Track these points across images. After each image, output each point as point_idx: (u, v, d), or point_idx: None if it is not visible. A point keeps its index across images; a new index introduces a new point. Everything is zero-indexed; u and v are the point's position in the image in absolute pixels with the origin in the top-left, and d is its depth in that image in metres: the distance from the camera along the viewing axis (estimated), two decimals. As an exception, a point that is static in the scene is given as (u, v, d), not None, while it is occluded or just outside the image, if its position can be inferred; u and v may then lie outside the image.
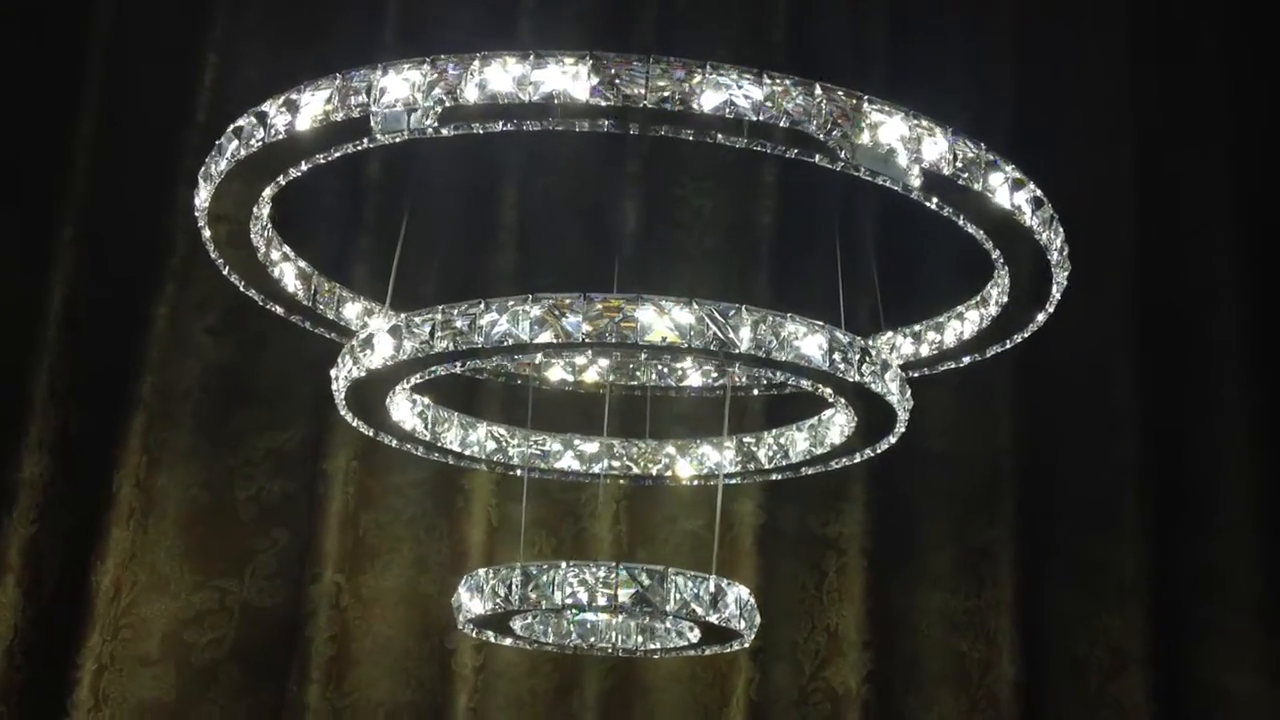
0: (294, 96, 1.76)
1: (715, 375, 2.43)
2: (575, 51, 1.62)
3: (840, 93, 1.65)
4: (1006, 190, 1.77)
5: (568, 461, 2.45)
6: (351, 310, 2.36)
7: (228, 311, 3.43)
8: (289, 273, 2.22)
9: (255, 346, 3.43)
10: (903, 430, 2.08)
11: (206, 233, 2.08)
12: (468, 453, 2.44)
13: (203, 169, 1.96)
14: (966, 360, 2.23)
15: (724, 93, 1.60)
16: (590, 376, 2.40)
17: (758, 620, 2.00)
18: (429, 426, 2.34)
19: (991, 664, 3.48)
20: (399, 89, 1.68)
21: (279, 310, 2.29)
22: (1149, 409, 3.59)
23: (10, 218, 3.33)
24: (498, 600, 1.93)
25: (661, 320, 1.75)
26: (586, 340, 1.74)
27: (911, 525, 3.61)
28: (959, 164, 1.71)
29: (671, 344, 1.76)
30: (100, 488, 3.16)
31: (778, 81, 1.62)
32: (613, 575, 1.87)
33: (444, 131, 1.70)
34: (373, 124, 1.73)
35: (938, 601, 3.56)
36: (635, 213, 3.37)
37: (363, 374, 1.92)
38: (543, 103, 1.62)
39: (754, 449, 2.35)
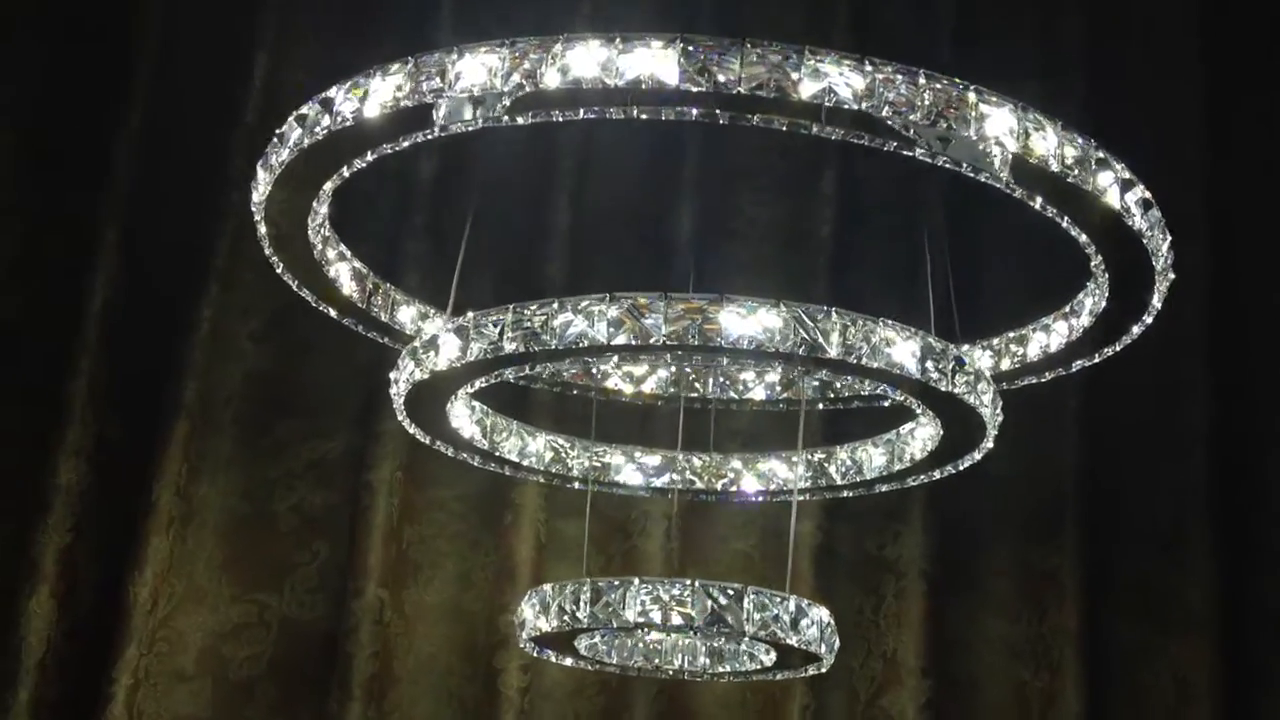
0: (362, 80, 1.66)
1: (780, 388, 2.32)
2: (665, 34, 1.52)
3: (943, 81, 1.54)
4: (1116, 190, 1.65)
5: (629, 475, 2.34)
6: (406, 314, 2.26)
7: (271, 317, 3.35)
8: (344, 273, 2.12)
9: (298, 354, 3.34)
10: (990, 446, 1.96)
11: (262, 228, 1.98)
12: (526, 463, 2.33)
13: (262, 159, 1.87)
14: (1049, 375, 2.10)
15: (822, 80, 1.49)
16: (647, 387, 2.29)
17: (837, 644, 1.89)
18: (487, 435, 2.23)
19: (1055, 695, 3.35)
20: (475, 74, 1.58)
21: (332, 312, 2.19)
22: (1218, 432, 3.45)
23: (52, 219, 3.25)
24: (565, 617, 1.82)
25: (747, 322, 1.64)
26: (667, 343, 1.64)
27: (973, 549, 3.49)
28: (1068, 161, 1.60)
29: (758, 348, 1.65)
30: (138, 496, 3.08)
31: (880, 67, 1.51)
32: (688, 593, 1.75)
33: (518, 120, 1.59)
34: (437, 114, 1.63)
35: (1000, 628, 3.43)
36: (692, 220, 3.26)
37: (425, 376, 1.82)
38: (628, 88, 1.51)
39: (825, 464, 2.24)
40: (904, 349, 1.71)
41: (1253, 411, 3.52)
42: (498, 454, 2.27)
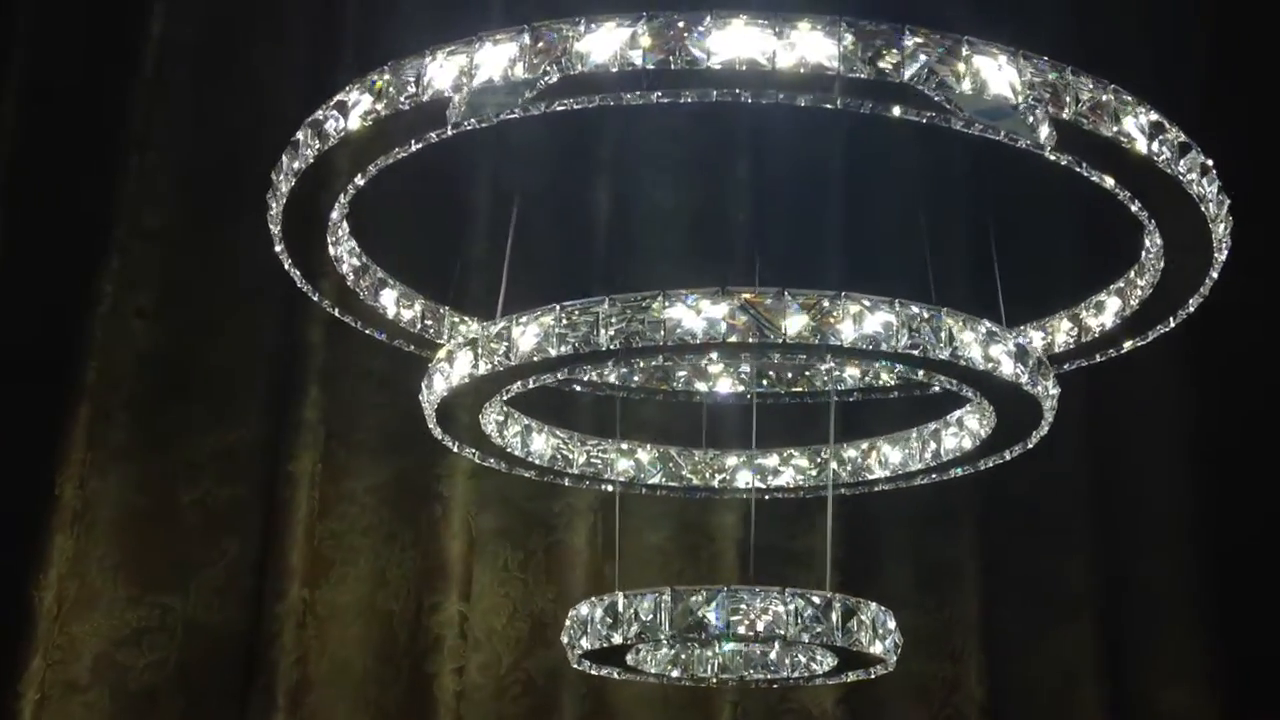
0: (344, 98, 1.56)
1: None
2: (822, 16, 1.44)
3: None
4: (1143, 137, 1.55)
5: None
6: (464, 332, 2.13)
7: (164, 293, 3.09)
8: (388, 300, 2.01)
9: (197, 333, 3.09)
10: (1044, 434, 1.95)
11: (287, 264, 1.88)
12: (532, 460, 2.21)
13: (270, 191, 1.80)
14: (1100, 357, 2.11)
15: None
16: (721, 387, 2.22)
17: (900, 641, 1.85)
18: (501, 431, 2.10)
19: (958, 683, 3.42)
20: (606, 47, 1.47)
21: (387, 339, 2.07)
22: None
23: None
24: (643, 628, 1.72)
25: (869, 320, 1.59)
26: (788, 341, 1.56)
27: (878, 538, 3.52)
28: (1083, 108, 1.50)
29: (874, 348, 1.59)
30: (34, 488, 2.78)
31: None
32: (780, 602, 1.68)
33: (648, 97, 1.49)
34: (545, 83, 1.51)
35: (904, 619, 3.47)
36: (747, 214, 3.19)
37: (496, 370, 1.68)
38: (790, 73, 1.43)
39: (861, 462, 2.21)
40: (968, 338, 1.67)
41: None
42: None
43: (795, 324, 1.57)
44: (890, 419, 2.42)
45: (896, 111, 1.48)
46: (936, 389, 2.38)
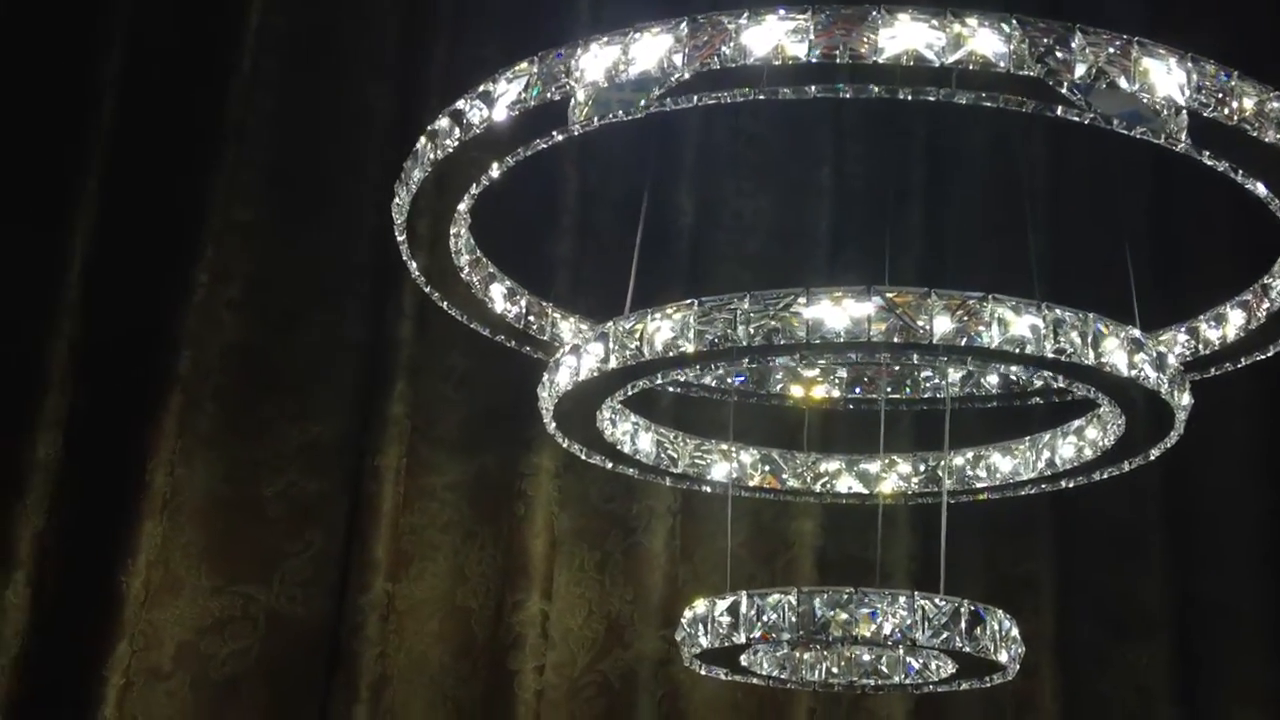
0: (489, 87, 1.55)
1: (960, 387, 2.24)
2: (991, 13, 1.43)
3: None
4: None
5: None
6: (566, 329, 2.12)
7: (250, 285, 3.09)
8: (497, 294, 2.00)
9: (282, 326, 3.10)
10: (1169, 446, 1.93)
11: (407, 255, 1.89)
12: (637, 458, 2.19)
13: (400, 178, 1.79)
14: (1215, 371, 2.08)
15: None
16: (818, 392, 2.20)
17: (1022, 650, 1.83)
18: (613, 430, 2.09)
19: (1030, 697, 3.39)
20: (768, 40, 1.45)
21: (490, 333, 2.07)
22: None
23: (27, 163, 2.91)
24: (767, 629, 1.70)
25: (1016, 323, 1.57)
26: (938, 344, 1.54)
27: (955, 553, 3.49)
28: (1246, 113, 1.48)
29: (1020, 352, 1.57)
30: (124, 475, 2.78)
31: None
32: (907, 607, 1.66)
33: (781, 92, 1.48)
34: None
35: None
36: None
37: (634, 362, 1.67)
38: (950, 68, 1.42)
39: (969, 471, 2.18)
40: (1111, 344, 1.65)
41: None
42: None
43: (940, 325, 1.55)
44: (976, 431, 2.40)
45: (1059, 111, 1.46)
46: (1038, 400, 2.38)
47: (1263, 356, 2.07)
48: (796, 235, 3.40)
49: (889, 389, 2.44)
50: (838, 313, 1.57)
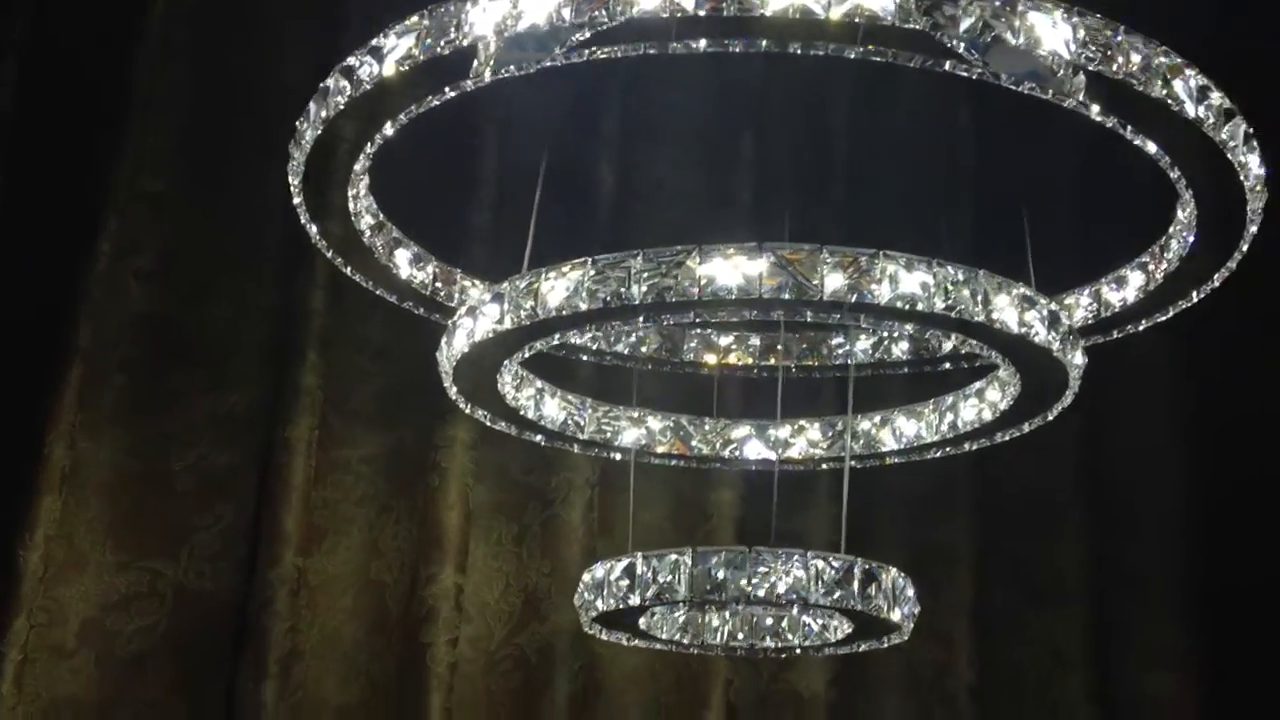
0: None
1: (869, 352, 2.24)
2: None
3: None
4: (1191, 101, 1.53)
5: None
6: (475, 295, 2.10)
7: (161, 255, 3.03)
8: (402, 260, 1.98)
9: (194, 296, 3.04)
10: (1065, 405, 1.93)
11: (306, 219, 1.85)
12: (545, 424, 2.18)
13: (293, 139, 1.77)
14: (1117, 334, 2.08)
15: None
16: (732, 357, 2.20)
17: (916, 609, 1.83)
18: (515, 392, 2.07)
19: (948, 666, 3.42)
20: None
21: (397, 300, 2.04)
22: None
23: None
24: (662, 590, 1.69)
25: (907, 280, 1.56)
26: (824, 299, 1.54)
27: (873, 523, 3.51)
28: (1133, 69, 1.48)
29: (911, 308, 1.57)
30: (22, 448, 2.72)
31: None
32: (801, 565, 1.66)
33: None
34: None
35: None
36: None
37: (524, 324, 1.65)
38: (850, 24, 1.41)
39: (874, 434, 2.18)
40: (1002, 301, 1.65)
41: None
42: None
43: (832, 282, 1.55)
44: (898, 399, 2.41)
45: (947, 66, 1.46)
46: (948, 365, 2.39)
47: (1163, 318, 2.08)
48: (720, 204, 3.38)
49: (800, 357, 2.44)
50: (730, 270, 1.56)
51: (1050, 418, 1.99)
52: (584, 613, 1.85)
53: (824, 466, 2.34)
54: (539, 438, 2.25)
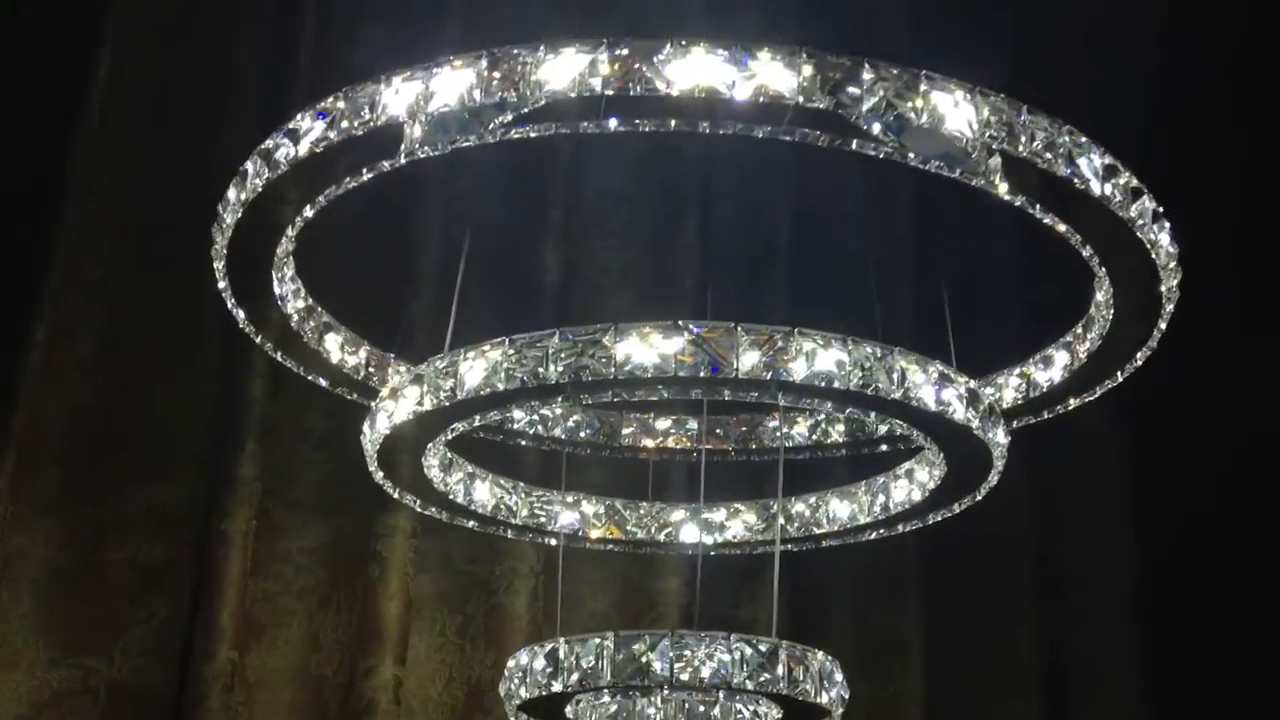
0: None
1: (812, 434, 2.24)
2: (782, 46, 1.44)
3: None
4: (1097, 180, 1.53)
5: (567, 519, 2.21)
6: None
7: (101, 342, 3.02)
8: (333, 344, 2.01)
9: (134, 385, 3.02)
10: (993, 483, 1.93)
11: (232, 304, 1.87)
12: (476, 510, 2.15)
13: (215, 224, 1.77)
14: (1048, 414, 2.09)
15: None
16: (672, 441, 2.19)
17: (846, 693, 1.81)
18: (445, 475, 2.05)
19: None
20: (566, 73, 1.45)
21: (330, 386, 2.06)
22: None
23: None
24: (584, 675, 1.66)
25: (821, 357, 1.57)
26: (740, 377, 1.54)
27: (824, 610, 3.48)
28: (1037, 147, 1.49)
29: (828, 385, 1.57)
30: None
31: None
32: (725, 648, 1.64)
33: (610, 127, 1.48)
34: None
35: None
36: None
37: (439, 405, 1.64)
38: (748, 103, 1.42)
39: (809, 517, 2.17)
40: (920, 379, 1.65)
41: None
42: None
43: (748, 360, 1.55)
44: (843, 481, 2.40)
45: (854, 145, 1.47)
46: (885, 448, 2.39)
47: (1090, 399, 2.09)
48: (664, 286, 3.40)
49: (739, 440, 2.44)
50: (646, 348, 1.56)
51: (979, 497, 1.98)
52: (508, 702, 1.81)
53: (755, 551, 2.32)
54: (471, 523, 2.23)
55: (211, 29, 3.20)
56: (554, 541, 2.24)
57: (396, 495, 2.08)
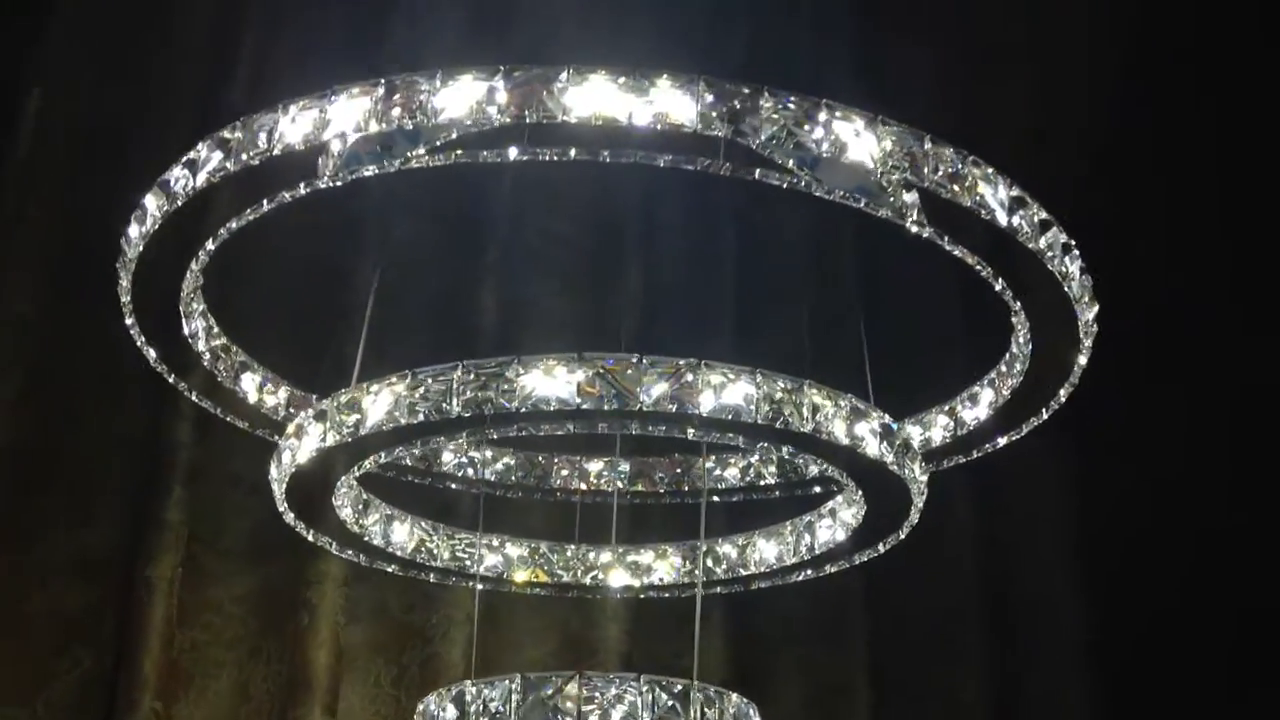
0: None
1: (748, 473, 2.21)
2: (681, 74, 1.43)
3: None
4: (1003, 211, 1.52)
5: (492, 562, 2.17)
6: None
7: (26, 383, 2.95)
8: (249, 385, 1.98)
9: (57, 427, 2.96)
10: (914, 522, 1.90)
11: (141, 342, 1.81)
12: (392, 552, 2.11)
13: (119, 260, 1.73)
14: (976, 454, 2.06)
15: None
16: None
17: None
18: (357, 516, 2.01)
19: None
20: (463, 101, 1.44)
21: (249, 427, 1.98)
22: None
23: None
24: (493, 718, 1.62)
25: (729, 390, 1.54)
26: (645, 410, 1.51)
27: (770, 654, 3.44)
28: (940, 177, 1.48)
29: (734, 419, 1.55)
30: None
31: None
32: (633, 690, 1.60)
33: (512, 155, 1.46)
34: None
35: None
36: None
37: (341, 441, 1.60)
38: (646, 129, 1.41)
39: (737, 559, 2.14)
40: (832, 414, 1.63)
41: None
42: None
43: (654, 393, 1.52)
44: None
45: (756, 174, 1.46)
46: (818, 489, 2.36)
47: (1017, 437, 2.07)
48: (604, 334, 3.37)
49: (670, 481, 2.41)
50: (549, 381, 1.53)
51: (901, 536, 1.95)
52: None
53: (683, 595, 2.29)
54: (391, 567, 2.18)
55: (145, 63, 3.17)
56: (478, 585, 2.19)
57: (311, 538, 2.03)
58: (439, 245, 3.28)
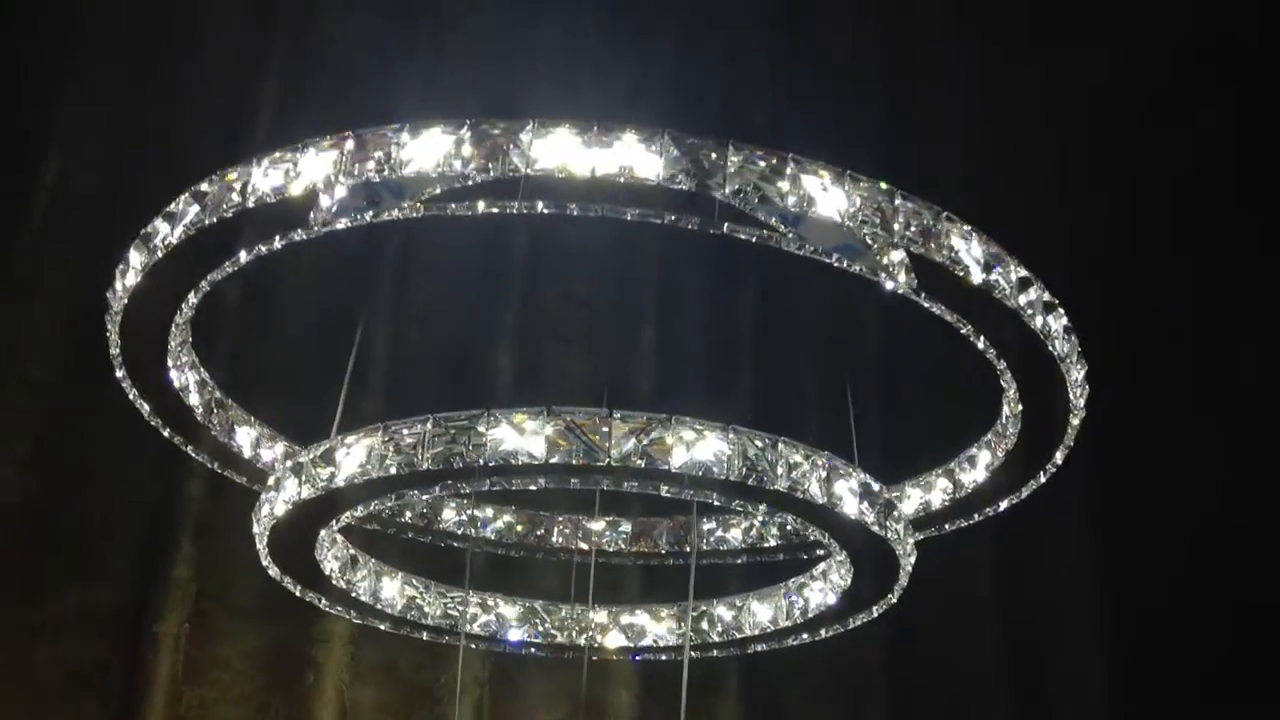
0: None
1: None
2: (646, 128, 1.43)
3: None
4: (978, 267, 1.50)
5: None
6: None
7: (40, 443, 2.98)
8: (245, 440, 2.01)
9: (69, 484, 2.98)
10: (903, 587, 1.86)
11: (134, 396, 1.82)
12: (381, 607, 2.10)
13: (106, 312, 1.77)
14: (978, 517, 2.01)
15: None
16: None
17: None
18: (344, 572, 2.00)
19: None
20: (430, 154, 1.44)
21: (246, 483, 1.99)
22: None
23: None
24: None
25: (700, 446, 1.52)
26: (613, 465, 1.50)
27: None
28: (911, 233, 1.47)
29: (706, 476, 1.53)
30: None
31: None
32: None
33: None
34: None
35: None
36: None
37: (316, 494, 1.60)
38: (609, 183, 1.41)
39: (732, 621, 2.11)
40: (842, 487, 1.62)
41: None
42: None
43: (622, 448, 1.50)
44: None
45: (724, 229, 1.45)
46: (821, 551, 2.32)
47: (1017, 500, 2.02)
48: (620, 394, 3.36)
49: (672, 543, 2.39)
50: (519, 435, 1.52)
51: (893, 599, 1.91)
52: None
53: (678, 658, 2.25)
54: (383, 624, 2.17)
55: (161, 132, 3.22)
56: (470, 644, 2.17)
57: (298, 593, 2.02)
58: (456, 306, 3.30)
